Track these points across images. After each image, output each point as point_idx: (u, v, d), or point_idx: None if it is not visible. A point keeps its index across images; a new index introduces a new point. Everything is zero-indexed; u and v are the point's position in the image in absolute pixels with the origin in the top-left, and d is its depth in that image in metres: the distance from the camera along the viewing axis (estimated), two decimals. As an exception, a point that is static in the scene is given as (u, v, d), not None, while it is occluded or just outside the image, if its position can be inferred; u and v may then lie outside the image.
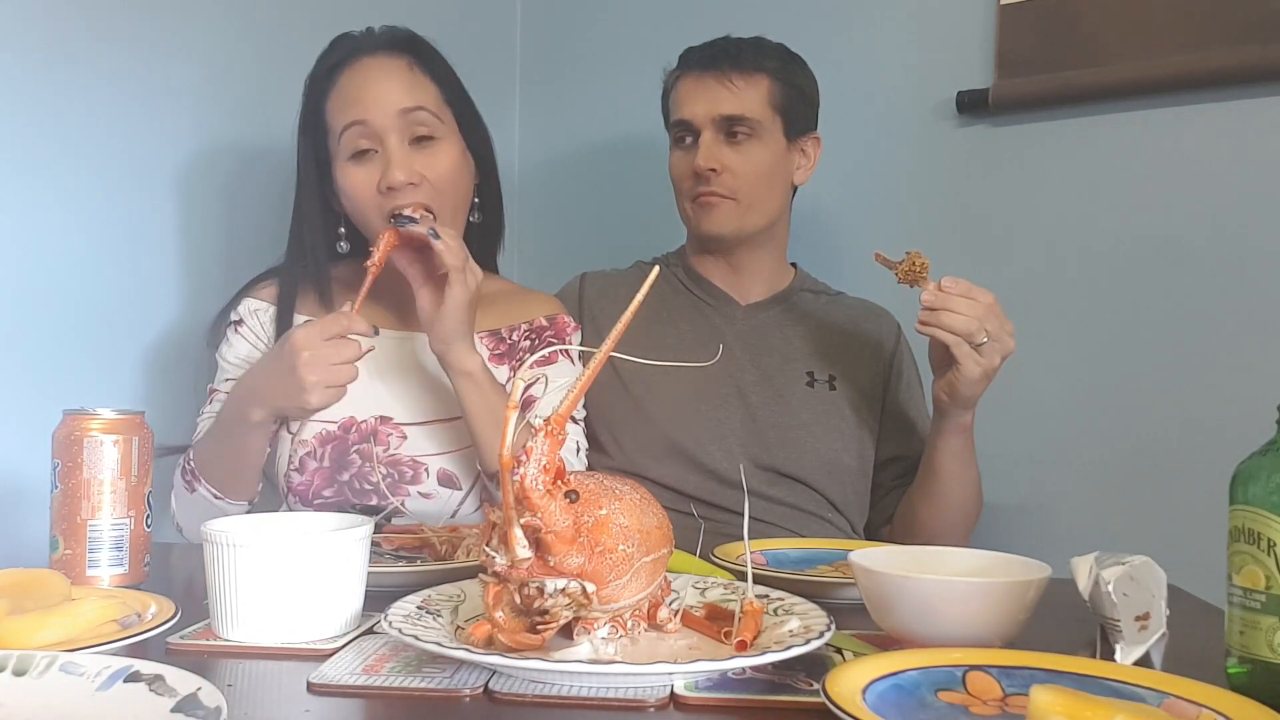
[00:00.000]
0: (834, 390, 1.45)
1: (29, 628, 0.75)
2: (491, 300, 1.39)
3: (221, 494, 1.24)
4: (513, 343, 1.39)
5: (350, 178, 1.26)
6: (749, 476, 1.32)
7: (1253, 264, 1.41)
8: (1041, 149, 1.57)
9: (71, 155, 1.34)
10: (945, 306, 1.19)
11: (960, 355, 1.19)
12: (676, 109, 1.45)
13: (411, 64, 1.28)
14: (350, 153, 1.26)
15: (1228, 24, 1.42)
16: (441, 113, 1.28)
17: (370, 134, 1.24)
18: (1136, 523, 1.45)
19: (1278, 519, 0.67)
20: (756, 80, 1.42)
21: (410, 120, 1.25)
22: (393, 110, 1.24)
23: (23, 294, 1.30)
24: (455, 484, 1.30)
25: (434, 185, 1.25)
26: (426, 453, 1.29)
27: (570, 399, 0.70)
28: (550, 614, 0.69)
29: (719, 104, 1.41)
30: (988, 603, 0.74)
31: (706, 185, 1.41)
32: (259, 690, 0.70)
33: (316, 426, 1.28)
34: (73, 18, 1.33)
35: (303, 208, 1.32)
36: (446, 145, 1.28)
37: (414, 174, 1.24)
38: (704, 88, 1.42)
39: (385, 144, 1.24)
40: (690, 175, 1.42)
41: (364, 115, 1.24)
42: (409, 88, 1.26)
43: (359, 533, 0.81)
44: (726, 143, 1.41)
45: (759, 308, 1.51)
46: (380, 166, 1.24)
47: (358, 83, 1.26)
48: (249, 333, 1.33)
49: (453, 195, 1.28)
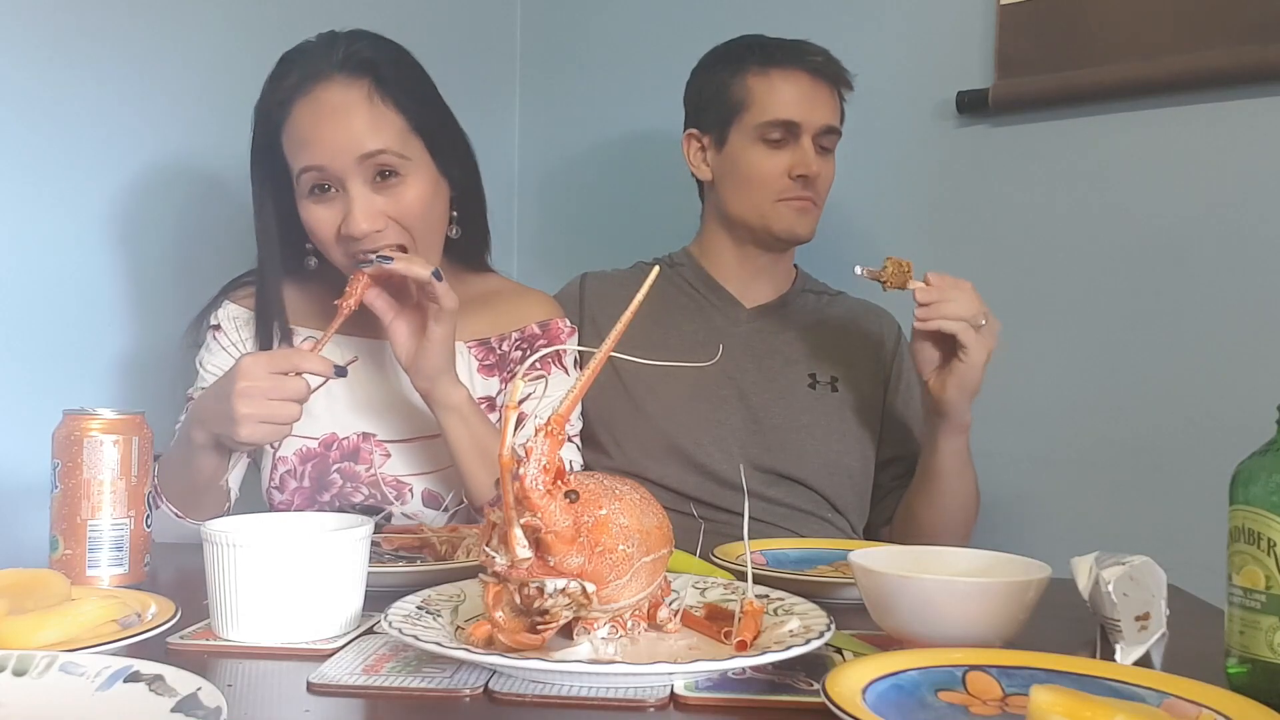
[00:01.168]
0: (836, 392, 1.45)
1: (29, 628, 0.75)
2: (483, 302, 1.35)
3: (182, 513, 1.19)
4: (503, 353, 1.34)
5: (313, 216, 1.19)
6: (749, 478, 1.32)
7: (1253, 264, 1.41)
8: (1041, 149, 1.57)
9: (69, 156, 1.34)
10: (942, 297, 1.20)
11: (968, 340, 1.20)
12: (780, 107, 1.40)
13: (371, 93, 1.17)
14: (309, 191, 1.18)
15: (1227, 24, 1.42)
16: (407, 146, 1.18)
17: (329, 178, 1.17)
18: (1136, 523, 1.45)
19: (1278, 519, 0.67)
20: (840, 98, 1.45)
21: (371, 162, 1.16)
22: (351, 157, 1.15)
23: (23, 294, 1.30)
24: (439, 504, 1.28)
25: (401, 223, 1.18)
26: (410, 472, 1.27)
27: (570, 399, 0.70)
28: (550, 614, 0.69)
29: (827, 113, 1.42)
30: (988, 603, 0.74)
31: (805, 190, 1.40)
32: (259, 690, 0.70)
33: (297, 443, 1.25)
34: (68, 19, 1.33)
35: (262, 238, 1.25)
36: (413, 180, 1.19)
37: (378, 219, 1.16)
38: (819, 93, 1.42)
39: (346, 188, 1.16)
40: (784, 176, 1.40)
41: (320, 161, 1.15)
42: (369, 127, 1.16)
43: (359, 533, 0.81)
44: (818, 151, 1.41)
45: (763, 310, 1.51)
46: (342, 207, 1.17)
47: (312, 121, 1.16)
48: (225, 340, 1.29)
49: (422, 226, 1.21)
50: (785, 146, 1.40)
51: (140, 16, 1.41)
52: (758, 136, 1.41)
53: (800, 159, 1.39)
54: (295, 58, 1.20)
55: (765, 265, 1.50)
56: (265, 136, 1.21)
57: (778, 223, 1.43)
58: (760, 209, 1.43)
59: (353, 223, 1.15)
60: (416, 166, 1.19)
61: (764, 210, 1.43)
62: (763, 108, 1.40)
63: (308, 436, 1.25)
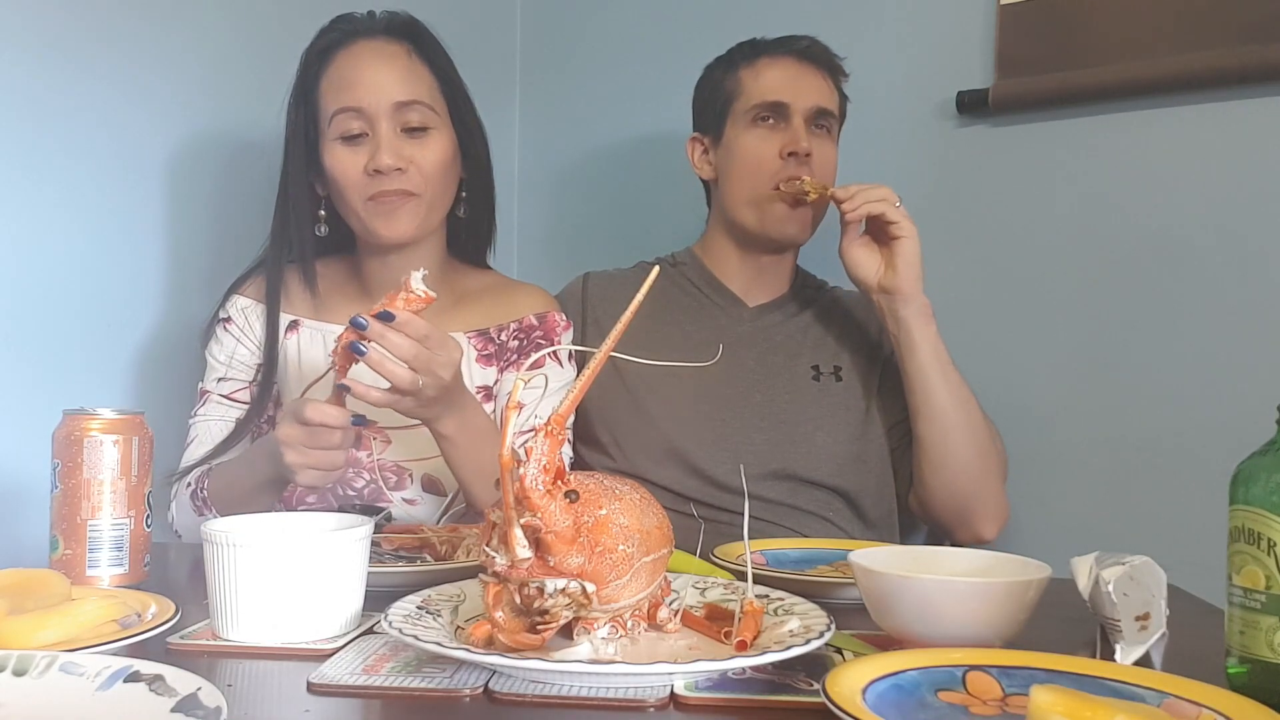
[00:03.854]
0: (841, 381, 1.45)
1: (29, 628, 0.75)
2: (478, 296, 1.38)
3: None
4: (501, 343, 1.37)
5: (338, 159, 1.25)
6: (751, 480, 1.32)
7: (1253, 264, 1.41)
8: (1041, 149, 1.57)
9: (66, 153, 1.34)
10: (859, 189, 1.32)
11: (896, 216, 1.31)
12: (770, 89, 1.42)
13: (410, 51, 1.27)
14: (340, 134, 1.25)
15: (1227, 24, 1.41)
16: (436, 104, 1.27)
17: (363, 119, 1.24)
18: (1136, 523, 1.45)
19: (1278, 519, 0.67)
20: (837, 85, 1.47)
21: (404, 111, 1.24)
22: (388, 101, 1.23)
23: (22, 293, 1.30)
24: (440, 490, 1.29)
25: (421, 172, 1.25)
26: (411, 458, 1.28)
27: (571, 399, 0.70)
28: (550, 614, 0.69)
29: (818, 95, 1.43)
30: (988, 603, 0.74)
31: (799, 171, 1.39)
32: (259, 690, 0.70)
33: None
34: (65, 15, 1.33)
35: (288, 184, 1.30)
36: (438, 136, 1.27)
37: (402, 159, 1.23)
38: (806, 75, 1.43)
39: (376, 130, 1.23)
40: (775, 158, 1.41)
41: (358, 102, 1.23)
42: (405, 78, 1.25)
43: (359, 533, 0.81)
44: (811, 133, 1.42)
45: (765, 309, 1.51)
46: (369, 151, 1.24)
47: (354, 66, 1.25)
48: (236, 330, 1.33)
49: (438, 185, 1.28)
50: (777, 129, 1.42)
51: (135, 11, 1.41)
52: (749, 122, 1.43)
53: (792, 137, 1.40)
54: (340, 19, 1.30)
55: (767, 265, 1.50)
56: (303, 84, 1.28)
57: (771, 223, 1.43)
58: (757, 198, 1.42)
59: (380, 158, 1.22)
60: (442, 124, 1.28)
61: (760, 202, 1.42)
62: (751, 94, 1.44)
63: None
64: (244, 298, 1.34)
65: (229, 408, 1.32)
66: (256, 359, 1.32)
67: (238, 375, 1.33)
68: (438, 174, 1.27)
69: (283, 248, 1.32)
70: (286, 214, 1.31)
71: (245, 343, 1.33)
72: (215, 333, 1.34)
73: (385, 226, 1.25)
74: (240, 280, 1.36)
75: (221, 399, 1.32)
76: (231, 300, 1.34)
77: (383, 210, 1.25)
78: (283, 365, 1.32)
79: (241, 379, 1.33)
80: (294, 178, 1.29)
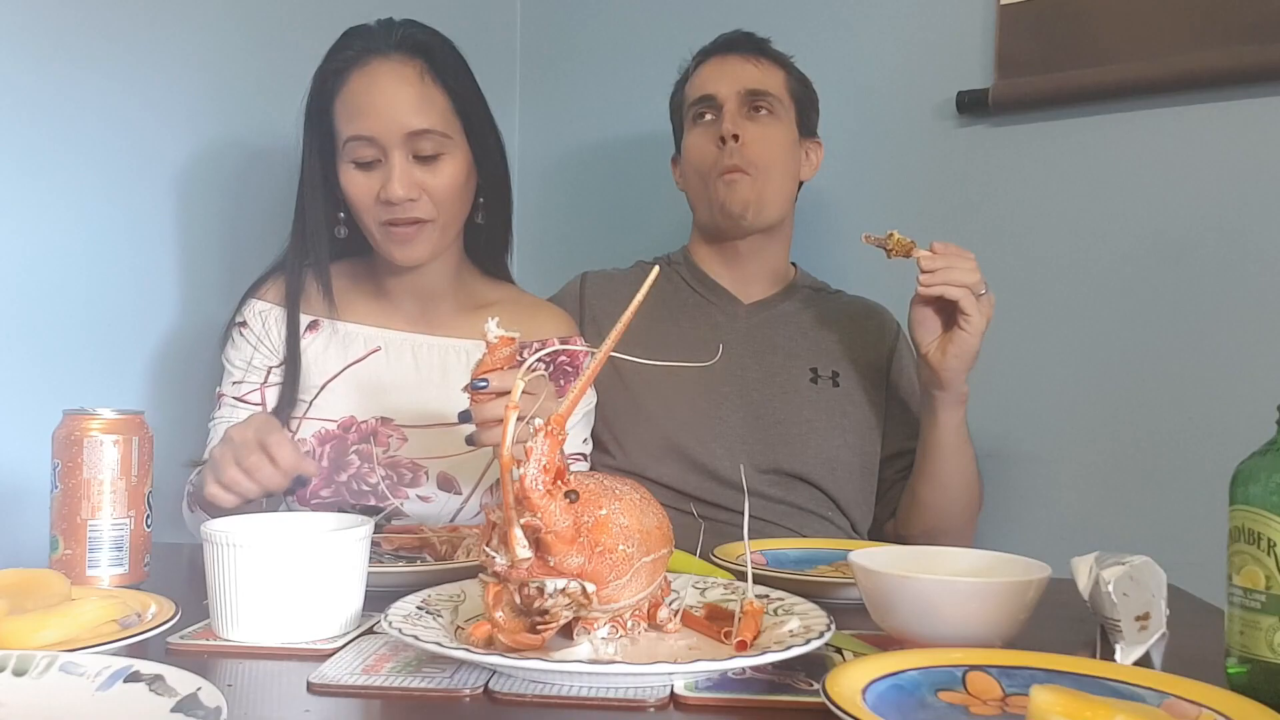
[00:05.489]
0: (837, 387, 1.45)
1: (29, 628, 0.75)
2: (497, 309, 1.38)
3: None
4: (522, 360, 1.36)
5: (352, 182, 1.26)
6: (750, 476, 1.32)
7: (1253, 264, 1.41)
8: (1041, 149, 1.57)
9: (72, 154, 1.34)
10: (948, 264, 1.23)
11: (969, 307, 1.23)
12: (698, 88, 1.47)
13: (424, 72, 1.25)
14: (353, 159, 1.25)
15: (1228, 24, 1.42)
16: (450, 127, 1.26)
17: (375, 148, 1.24)
18: (1136, 523, 1.45)
19: (1278, 519, 0.67)
20: (776, 67, 1.47)
21: (416, 140, 1.23)
22: (400, 131, 1.22)
23: (24, 293, 1.30)
24: (455, 488, 1.29)
25: (434, 198, 1.25)
26: (427, 456, 1.29)
27: (571, 399, 0.70)
28: (550, 614, 0.69)
29: (744, 78, 1.44)
30: (988, 603, 0.74)
31: (731, 159, 1.40)
32: (259, 690, 0.70)
33: (315, 425, 1.28)
34: (73, 16, 1.33)
35: (306, 189, 1.31)
36: (450, 160, 1.26)
37: (414, 189, 1.23)
38: (729, 64, 1.46)
39: (389, 158, 1.23)
40: (713, 149, 1.42)
41: (370, 131, 1.23)
42: (419, 106, 1.24)
43: (359, 533, 0.81)
44: (748, 117, 1.43)
45: (762, 306, 1.51)
46: (382, 177, 1.24)
47: (367, 90, 1.24)
48: (251, 335, 1.33)
49: (451, 208, 1.28)
50: (714, 122, 1.45)
51: (144, 13, 1.41)
52: (690, 122, 1.49)
53: (724, 121, 1.42)
54: (355, 33, 1.28)
55: (748, 256, 1.50)
56: (319, 100, 1.28)
57: (715, 203, 1.44)
58: (705, 192, 1.46)
59: (391, 189, 1.23)
60: (456, 146, 1.27)
61: (708, 194, 1.45)
62: (688, 97, 1.49)
63: (326, 419, 1.29)
64: (262, 301, 1.34)
65: (244, 410, 1.32)
66: (271, 361, 1.33)
67: (252, 378, 1.33)
68: (450, 198, 1.27)
69: (302, 250, 1.33)
70: (305, 215, 1.32)
71: (261, 347, 1.33)
72: (232, 337, 1.34)
73: (399, 252, 1.27)
74: (257, 284, 1.36)
75: (236, 401, 1.32)
76: (248, 304, 1.34)
77: (396, 238, 1.26)
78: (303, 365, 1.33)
79: (253, 381, 1.33)
80: (310, 187, 1.30)
